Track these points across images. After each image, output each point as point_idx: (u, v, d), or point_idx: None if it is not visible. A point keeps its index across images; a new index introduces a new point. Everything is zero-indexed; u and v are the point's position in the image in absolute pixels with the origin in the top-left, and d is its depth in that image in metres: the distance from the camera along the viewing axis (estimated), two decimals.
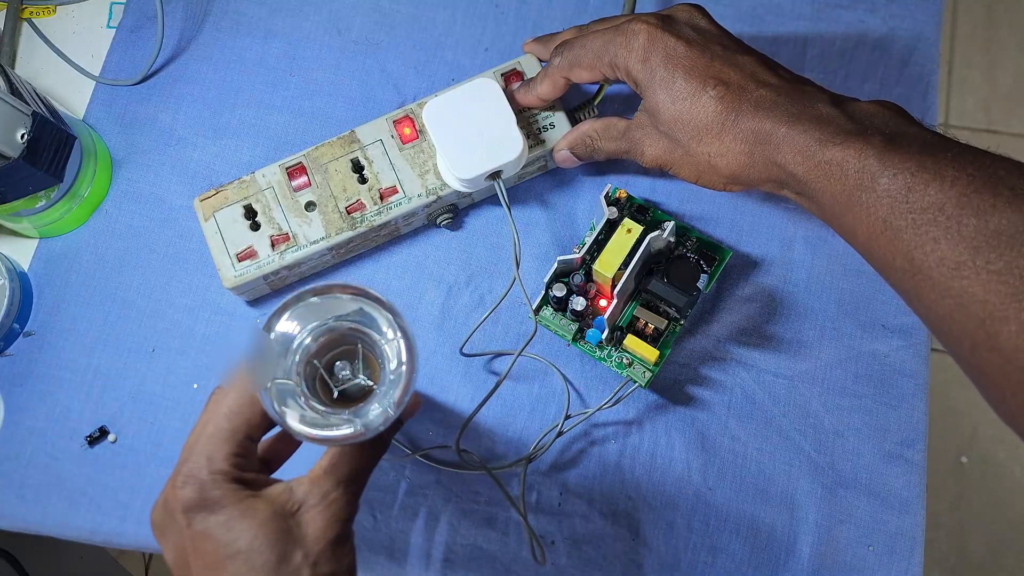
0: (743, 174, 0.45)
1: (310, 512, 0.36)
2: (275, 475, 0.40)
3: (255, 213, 0.53)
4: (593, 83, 0.51)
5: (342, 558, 0.36)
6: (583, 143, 0.52)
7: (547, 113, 0.54)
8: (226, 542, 0.35)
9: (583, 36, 0.49)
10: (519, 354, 0.50)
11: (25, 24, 0.61)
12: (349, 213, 0.53)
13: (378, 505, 0.52)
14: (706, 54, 0.45)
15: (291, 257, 0.52)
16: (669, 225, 0.51)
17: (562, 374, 0.53)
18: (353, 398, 0.39)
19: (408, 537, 0.51)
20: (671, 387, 0.53)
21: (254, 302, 0.55)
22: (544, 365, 0.53)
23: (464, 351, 0.53)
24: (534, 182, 0.57)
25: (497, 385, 0.50)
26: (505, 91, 0.52)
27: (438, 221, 0.55)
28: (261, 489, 0.36)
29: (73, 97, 0.60)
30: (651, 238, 0.50)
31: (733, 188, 0.46)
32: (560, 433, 0.52)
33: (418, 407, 0.42)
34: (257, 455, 0.38)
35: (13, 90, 0.50)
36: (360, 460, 0.38)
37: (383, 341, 0.36)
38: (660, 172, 0.56)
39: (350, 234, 0.53)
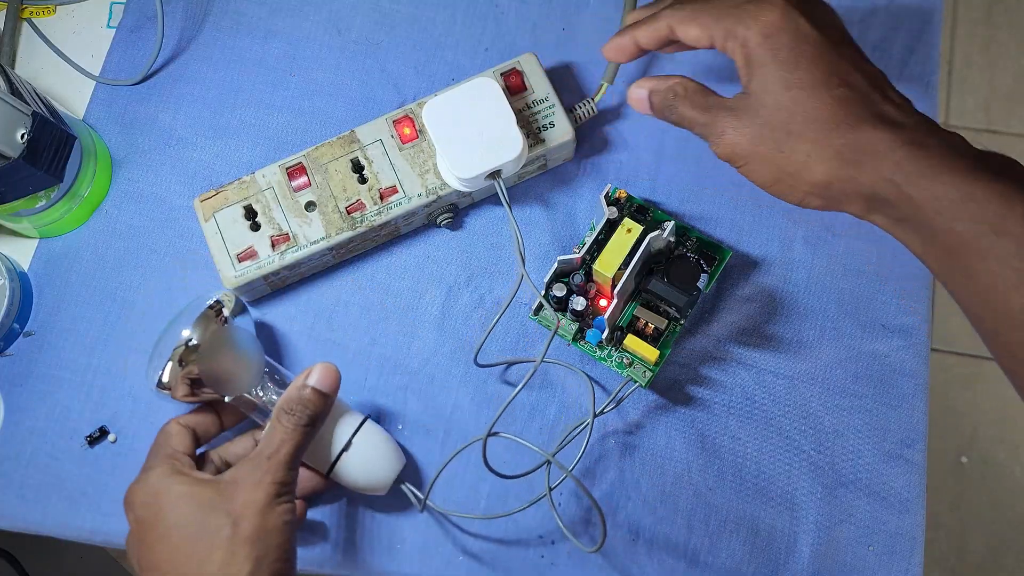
0: (838, 185, 0.40)
1: (241, 482, 0.43)
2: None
3: (255, 213, 0.53)
4: (694, 48, 0.45)
5: (269, 519, 0.42)
6: (666, 94, 0.46)
7: (547, 112, 0.54)
8: (159, 524, 0.43)
9: None
10: (540, 360, 0.48)
11: (25, 24, 0.61)
12: (349, 213, 0.53)
13: (378, 504, 0.52)
14: (836, 51, 0.41)
15: (291, 257, 0.52)
16: (669, 225, 0.51)
17: (588, 376, 0.52)
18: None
19: (406, 535, 0.51)
20: (671, 387, 0.53)
21: (255, 302, 0.55)
22: (542, 367, 0.53)
23: (478, 361, 0.52)
24: (534, 182, 0.57)
25: (513, 395, 0.48)
26: (505, 90, 0.52)
27: (438, 221, 0.55)
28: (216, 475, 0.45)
29: (73, 97, 0.60)
30: (651, 238, 0.50)
31: (811, 202, 0.42)
32: (590, 433, 0.51)
33: (333, 377, 0.47)
34: (193, 465, 0.46)
35: (13, 90, 0.50)
36: (283, 435, 0.44)
37: None
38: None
39: (350, 234, 0.53)
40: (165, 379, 0.47)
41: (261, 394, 0.50)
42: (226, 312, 0.50)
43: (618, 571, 0.51)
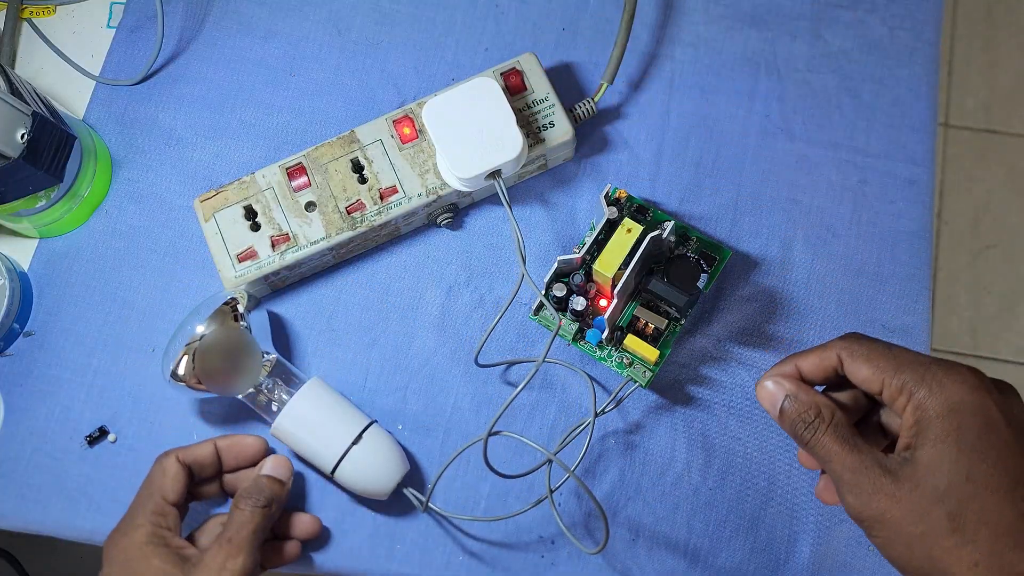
0: None
1: (204, 568, 0.44)
2: None
3: (255, 214, 0.53)
4: (863, 391, 0.40)
5: None
6: (806, 410, 0.40)
7: (547, 112, 0.54)
8: None
9: (887, 343, 0.40)
10: (542, 360, 0.48)
11: (25, 24, 0.61)
12: (349, 213, 0.53)
13: (378, 505, 0.52)
14: None
15: (291, 257, 0.52)
16: (669, 225, 0.51)
17: (589, 376, 0.53)
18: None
19: (406, 536, 0.51)
20: (671, 387, 0.53)
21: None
22: (542, 367, 0.53)
23: (478, 361, 0.52)
24: (534, 181, 0.57)
25: (513, 396, 0.47)
26: (505, 90, 0.52)
27: (438, 221, 0.55)
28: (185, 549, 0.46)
29: (73, 97, 0.60)
30: (651, 238, 0.50)
31: None
32: (591, 433, 0.51)
33: (285, 466, 0.50)
34: (178, 521, 0.47)
35: (13, 90, 0.50)
36: (241, 518, 0.46)
37: None
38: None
39: (350, 234, 0.53)
40: (180, 372, 0.49)
41: (270, 393, 0.50)
42: (241, 308, 0.51)
43: (618, 571, 0.51)
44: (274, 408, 0.50)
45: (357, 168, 0.54)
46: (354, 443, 0.49)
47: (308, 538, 0.51)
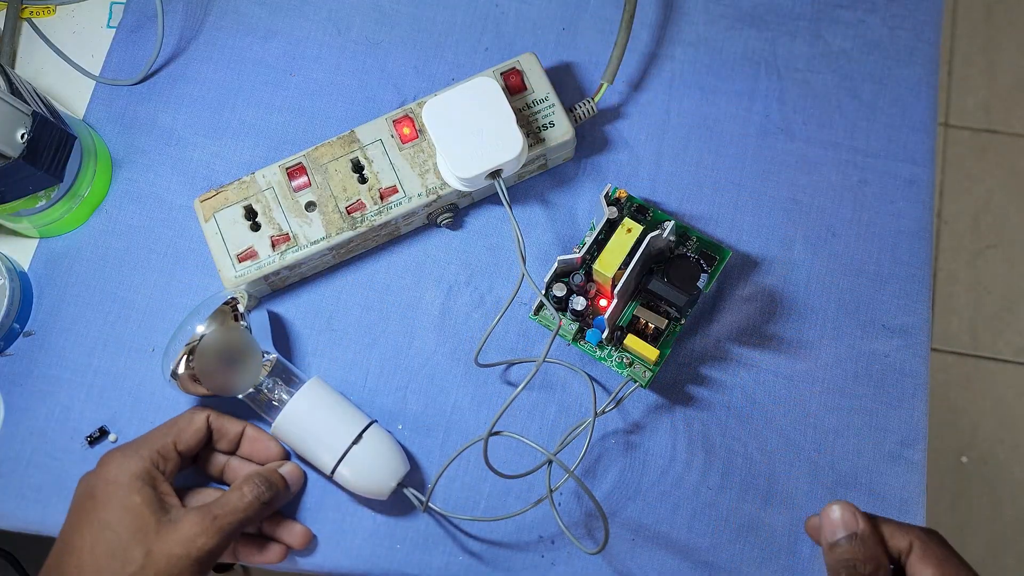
0: None
1: (177, 530, 0.44)
2: None
3: (255, 214, 0.53)
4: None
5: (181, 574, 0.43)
6: (862, 563, 0.38)
7: (547, 112, 0.54)
8: (98, 513, 0.45)
9: (963, 561, 0.39)
10: (542, 360, 0.48)
11: (25, 24, 0.61)
12: (349, 213, 0.53)
13: (378, 504, 0.52)
14: None
15: (291, 257, 0.52)
16: (669, 225, 0.51)
17: (589, 376, 0.53)
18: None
19: (406, 535, 0.51)
20: (671, 387, 0.53)
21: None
22: (542, 367, 0.53)
23: (478, 361, 0.52)
24: (534, 181, 0.57)
25: (513, 396, 0.47)
26: (505, 90, 0.52)
27: (438, 221, 0.55)
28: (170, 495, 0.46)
29: (73, 97, 0.60)
30: (651, 238, 0.50)
31: None
32: (591, 433, 0.51)
33: (299, 476, 0.51)
34: (176, 469, 0.48)
35: (13, 90, 0.50)
36: (238, 502, 0.46)
37: None
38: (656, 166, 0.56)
39: (350, 234, 0.53)
40: (180, 372, 0.49)
41: (271, 393, 0.51)
42: (241, 308, 0.51)
43: (618, 571, 0.51)
44: (274, 408, 0.50)
45: (357, 168, 0.54)
46: (354, 443, 0.49)
47: (296, 547, 0.51)
